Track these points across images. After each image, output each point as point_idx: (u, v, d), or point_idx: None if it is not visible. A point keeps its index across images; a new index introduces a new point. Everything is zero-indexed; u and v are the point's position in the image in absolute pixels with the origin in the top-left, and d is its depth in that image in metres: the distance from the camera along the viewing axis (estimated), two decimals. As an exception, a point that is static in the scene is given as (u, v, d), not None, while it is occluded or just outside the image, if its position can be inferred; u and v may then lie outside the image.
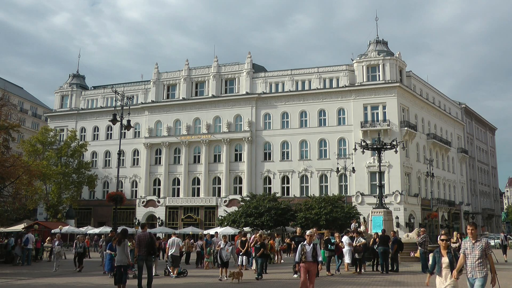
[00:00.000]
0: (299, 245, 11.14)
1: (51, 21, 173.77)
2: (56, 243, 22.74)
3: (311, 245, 10.99)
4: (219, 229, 39.57)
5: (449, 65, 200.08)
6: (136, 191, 56.86)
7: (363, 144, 29.93)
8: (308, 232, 11.46)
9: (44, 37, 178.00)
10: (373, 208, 28.87)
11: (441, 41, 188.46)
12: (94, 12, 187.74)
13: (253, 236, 23.41)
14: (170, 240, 19.61)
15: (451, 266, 8.40)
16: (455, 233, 22.70)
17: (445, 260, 8.52)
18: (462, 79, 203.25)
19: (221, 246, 17.94)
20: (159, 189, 55.72)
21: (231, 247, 18.49)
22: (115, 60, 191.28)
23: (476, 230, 8.31)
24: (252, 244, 18.92)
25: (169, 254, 18.85)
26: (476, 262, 8.05)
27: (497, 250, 32.24)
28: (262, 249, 17.98)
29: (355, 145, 33.20)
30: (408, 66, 52.77)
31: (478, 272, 8.03)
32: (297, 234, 19.96)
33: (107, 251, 17.22)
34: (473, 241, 8.22)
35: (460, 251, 8.37)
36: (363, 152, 31.48)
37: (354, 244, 19.26)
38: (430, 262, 9.21)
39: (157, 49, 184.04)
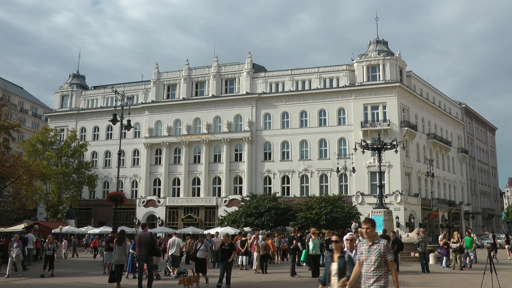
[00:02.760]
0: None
1: (53, 20, 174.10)
2: (15, 245, 19.37)
3: (353, 252, 8.01)
4: (219, 229, 39.62)
5: (451, 65, 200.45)
6: (136, 191, 56.87)
7: (363, 144, 29.92)
8: (347, 235, 8.28)
9: (46, 36, 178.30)
10: (373, 208, 28.88)
11: (444, 41, 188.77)
12: (96, 11, 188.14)
13: (253, 236, 23.44)
14: (170, 240, 19.61)
15: (341, 273, 6.72)
16: (455, 233, 22.66)
17: (334, 266, 6.85)
18: (464, 78, 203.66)
19: (198, 246, 15.38)
20: (159, 189, 55.72)
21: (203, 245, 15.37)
22: (116, 60, 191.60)
23: (373, 228, 6.33)
24: (218, 246, 15.18)
25: (170, 254, 18.85)
26: (372, 271, 6.17)
27: (500, 250, 32.27)
28: (232, 251, 14.48)
29: (355, 145, 33.18)
30: (410, 66, 53.26)
31: (374, 284, 6.16)
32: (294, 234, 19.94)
33: (130, 250, 16.81)
34: (370, 243, 6.31)
35: (356, 256, 6.49)
36: (363, 152, 31.47)
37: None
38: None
39: (159, 49, 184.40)
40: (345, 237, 8.16)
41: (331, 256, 7.06)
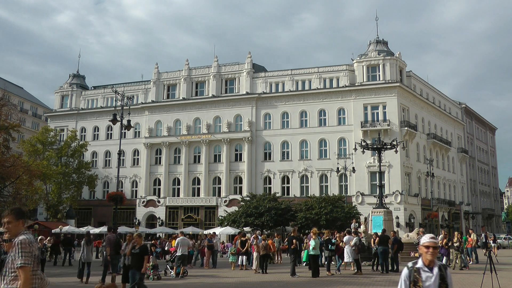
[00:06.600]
0: (406, 272, 4.40)
1: (55, 20, 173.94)
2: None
3: (435, 271, 4.34)
4: (219, 229, 39.62)
5: (454, 64, 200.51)
6: (136, 191, 56.84)
7: (363, 144, 29.92)
8: (425, 239, 4.48)
9: (48, 36, 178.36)
10: (373, 208, 28.87)
11: (447, 40, 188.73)
12: (99, 10, 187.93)
13: (252, 236, 23.43)
14: (179, 239, 19.37)
15: None
16: (455, 233, 22.68)
17: None
18: (467, 78, 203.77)
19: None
20: (159, 189, 55.70)
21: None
22: (118, 59, 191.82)
23: (17, 222, 4.39)
24: (129, 250, 11.79)
25: (179, 253, 18.54)
26: (10, 277, 4.22)
27: (501, 250, 32.26)
28: (145, 256, 10.85)
29: (355, 145, 33.19)
30: (414, 65, 54.31)
31: None
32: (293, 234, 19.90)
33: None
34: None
35: None
36: (363, 152, 31.47)
37: (350, 244, 19.26)
38: None
39: (161, 48, 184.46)
40: (421, 242, 4.51)
41: None
